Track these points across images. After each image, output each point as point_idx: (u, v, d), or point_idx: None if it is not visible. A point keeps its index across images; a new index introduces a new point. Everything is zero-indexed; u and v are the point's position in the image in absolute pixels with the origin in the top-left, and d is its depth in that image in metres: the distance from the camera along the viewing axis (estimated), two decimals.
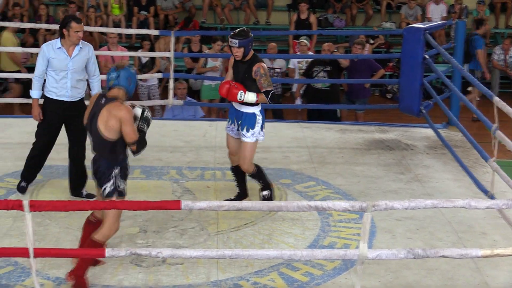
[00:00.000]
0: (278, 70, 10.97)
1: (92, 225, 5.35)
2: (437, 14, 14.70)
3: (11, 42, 12.14)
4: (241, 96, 6.17)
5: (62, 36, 6.46)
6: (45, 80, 6.57)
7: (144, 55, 11.35)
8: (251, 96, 6.20)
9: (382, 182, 7.34)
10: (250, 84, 6.25)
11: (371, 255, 4.70)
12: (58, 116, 6.60)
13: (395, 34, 14.75)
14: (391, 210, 4.85)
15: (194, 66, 11.86)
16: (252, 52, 6.30)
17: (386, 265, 5.55)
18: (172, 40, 9.29)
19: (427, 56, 8.47)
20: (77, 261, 5.22)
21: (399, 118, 10.83)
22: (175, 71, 9.61)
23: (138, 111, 5.30)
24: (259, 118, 6.36)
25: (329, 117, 9.93)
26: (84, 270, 5.17)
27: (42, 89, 6.63)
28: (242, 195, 6.67)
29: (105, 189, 5.14)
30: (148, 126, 5.30)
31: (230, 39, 6.20)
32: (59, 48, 6.47)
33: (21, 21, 13.84)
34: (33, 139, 6.68)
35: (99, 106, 5.12)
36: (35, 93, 6.60)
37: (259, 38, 14.79)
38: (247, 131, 6.32)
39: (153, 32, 11.03)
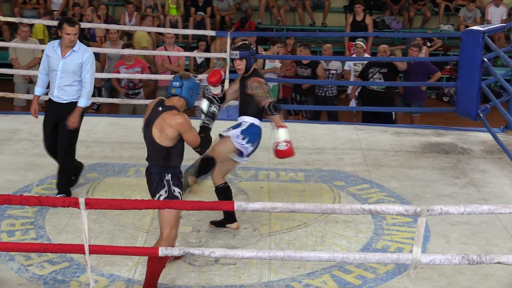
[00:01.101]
0: (334, 72, 10.92)
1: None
2: (497, 16, 14.46)
3: None
4: (282, 144, 5.94)
5: (59, 37, 6.59)
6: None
7: (200, 55, 11.41)
8: (282, 133, 5.96)
9: (437, 186, 7.26)
10: (247, 100, 6.01)
11: (425, 259, 4.65)
12: (50, 113, 6.68)
13: (453, 37, 14.56)
14: (446, 215, 4.79)
15: None
16: (254, 66, 6.06)
17: (439, 269, 5.49)
18: (228, 41, 9.32)
19: (485, 59, 8.35)
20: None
21: (455, 121, 10.71)
22: (231, 71, 9.64)
23: (204, 106, 5.32)
24: (245, 126, 6.04)
25: (384, 119, 9.85)
26: (155, 280, 5.11)
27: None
28: (229, 218, 6.23)
29: (160, 196, 5.14)
30: (213, 120, 5.32)
31: (231, 52, 6.02)
32: (56, 47, 6.56)
33: (81, 21, 14.05)
34: (89, 137, 6.76)
35: (156, 114, 5.10)
36: (37, 90, 6.76)
37: (315, 40, 14.75)
38: (230, 129, 6.05)
39: (209, 32, 11.08)
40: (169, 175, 5.13)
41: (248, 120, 6.07)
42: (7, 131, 8.68)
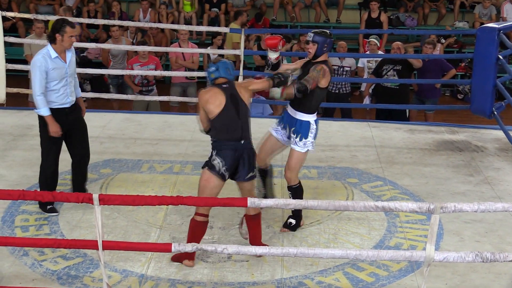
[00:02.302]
0: (347, 69, 10.89)
1: (202, 224, 5.46)
2: None
3: None
4: (272, 54, 6.01)
5: (52, 41, 6.12)
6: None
7: (213, 52, 11.40)
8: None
9: (451, 184, 7.23)
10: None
11: (438, 257, 4.64)
12: (63, 124, 6.25)
13: (467, 34, 14.50)
14: (460, 213, 4.78)
15: (264, 64, 11.88)
16: (325, 56, 6.03)
17: (453, 267, 5.47)
18: (242, 37, 9.31)
19: (501, 57, 8.31)
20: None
21: (469, 119, 10.67)
22: (245, 68, 9.64)
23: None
24: (313, 128, 6.08)
25: (398, 116, 9.83)
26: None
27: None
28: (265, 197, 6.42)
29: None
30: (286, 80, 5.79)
31: (308, 33, 6.09)
32: (56, 57, 6.11)
33: (95, 17, 14.10)
34: (103, 133, 6.69)
35: (230, 90, 5.47)
36: (46, 110, 6.14)
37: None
38: (300, 139, 6.04)
39: (223, 29, 11.08)
40: None
41: (310, 119, 6.09)
42: (22, 126, 8.72)
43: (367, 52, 11.30)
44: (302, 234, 6.05)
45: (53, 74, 6.11)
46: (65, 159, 6.95)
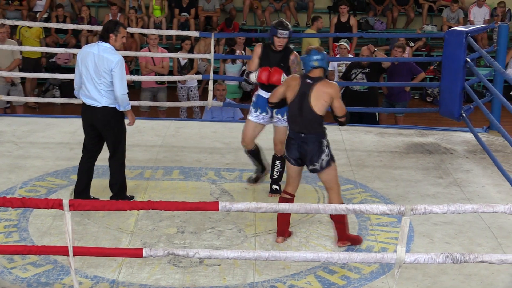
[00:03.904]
0: None
1: (287, 201, 5.85)
2: (479, 17, 14.56)
3: None
4: (284, 78, 6.38)
5: (107, 40, 6.19)
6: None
7: (184, 56, 11.39)
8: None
9: (421, 186, 7.28)
10: (284, 72, 6.55)
11: (409, 259, 4.67)
12: None
13: (436, 37, 14.64)
14: (430, 215, 4.82)
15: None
16: None
17: (423, 269, 5.50)
18: (212, 41, 9.31)
19: (468, 60, 8.38)
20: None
21: (438, 121, 10.75)
22: (215, 72, 9.63)
23: None
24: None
25: (368, 120, 9.88)
26: (346, 229, 5.81)
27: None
28: (263, 169, 7.09)
29: (322, 161, 5.72)
30: None
31: (279, 31, 6.49)
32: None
33: (64, 22, 14.02)
34: (73, 139, 6.64)
35: (308, 86, 5.61)
36: (129, 104, 6.46)
37: (299, 41, 14.77)
38: (282, 115, 6.61)
39: (193, 33, 11.07)
40: (325, 140, 5.75)
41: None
42: None
43: (337, 56, 11.35)
44: (274, 238, 6.05)
45: None
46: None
